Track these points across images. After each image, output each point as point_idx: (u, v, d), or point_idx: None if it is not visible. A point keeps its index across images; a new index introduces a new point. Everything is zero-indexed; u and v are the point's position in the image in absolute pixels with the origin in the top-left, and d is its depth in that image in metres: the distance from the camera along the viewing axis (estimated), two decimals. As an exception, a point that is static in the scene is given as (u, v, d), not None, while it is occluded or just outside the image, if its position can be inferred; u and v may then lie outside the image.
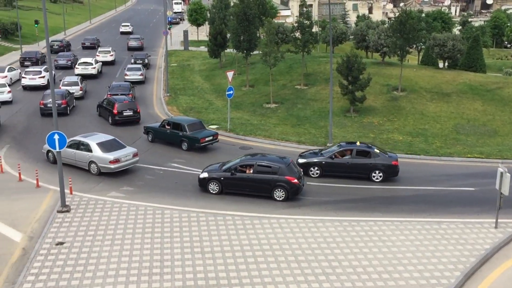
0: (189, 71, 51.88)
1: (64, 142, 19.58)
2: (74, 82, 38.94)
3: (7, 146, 27.90)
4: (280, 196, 21.56)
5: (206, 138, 28.09)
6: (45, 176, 23.19)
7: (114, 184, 23.14)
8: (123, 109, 32.34)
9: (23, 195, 21.36)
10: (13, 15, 76.16)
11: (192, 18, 73.71)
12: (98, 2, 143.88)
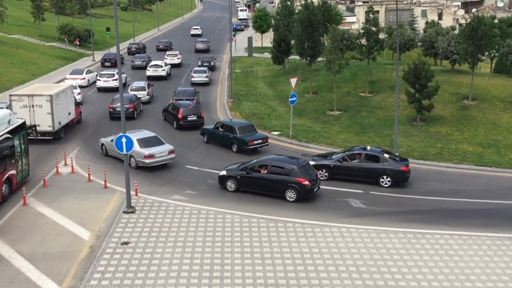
0: (253, 77, 52.28)
1: (131, 145, 20.16)
2: (141, 87, 40.39)
3: (78, 148, 29.09)
4: (292, 196, 21.92)
5: (255, 141, 28.63)
6: (113, 178, 23.96)
7: (177, 187, 23.58)
8: (187, 114, 33.03)
9: (92, 195, 22.15)
10: (86, 22, 79.81)
11: (257, 25, 74.33)
12: (166, 10, 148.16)
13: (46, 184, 23.14)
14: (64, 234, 18.51)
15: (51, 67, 55.17)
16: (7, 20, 64.28)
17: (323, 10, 49.12)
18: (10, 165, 21.62)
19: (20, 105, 28.57)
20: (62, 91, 30.68)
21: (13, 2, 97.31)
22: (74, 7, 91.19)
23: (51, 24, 77.07)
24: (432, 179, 25.68)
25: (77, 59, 62.78)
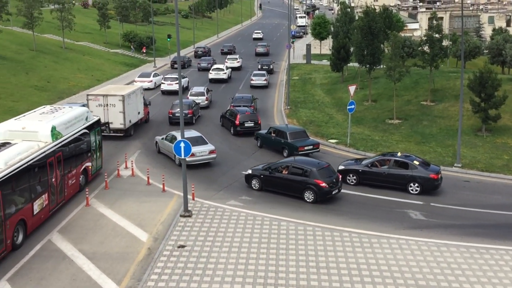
0: (311, 85, 52.03)
1: (189, 150, 20.46)
2: (200, 92, 41.46)
3: (138, 152, 29.88)
4: (310, 198, 22.52)
5: (305, 147, 28.78)
6: (171, 182, 24.41)
7: (233, 193, 23.71)
8: (244, 120, 33.32)
9: (150, 198, 22.65)
10: (148, 30, 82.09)
11: (316, 32, 74.02)
12: (226, 17, 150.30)
13: (107, 186, 23.88)
14: (123, 235, 19.00)
15: (115, 73, 57.09)
16: (75, 28, 67.09)
17: (384, 17, 48.35)
18: (87, 157, 23.92)
19: (95, 104, 31.19)
20: (133, 92, 33.08)
21: (81, 10, 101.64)
22: (137, 15, 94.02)
23: (115, 32, 79.86)
24: (497, 193, 24.57)
25: (139, 65, 64.67)
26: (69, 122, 22.31)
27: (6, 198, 16.92)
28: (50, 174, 20.16)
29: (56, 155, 20.62)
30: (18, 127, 20.70)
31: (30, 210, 18.59)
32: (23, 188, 18.19)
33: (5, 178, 16.85)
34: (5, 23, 59.36)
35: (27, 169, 18.31)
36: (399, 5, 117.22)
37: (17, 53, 53.85)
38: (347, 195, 23.67)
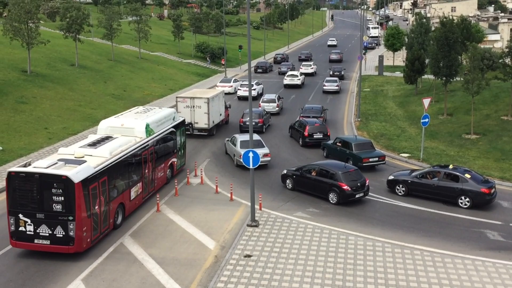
0: (382, 97, 50.92)
1: (257, 160, 20.49)
2: (271, 99, 42.98)
3: (207, 160, 30.34)
4: (333, 199, 23.52)
5: (370, 159, 28.49)
6: (238, 191, 24.56)
7: (301, 204, 23.50)
8: (313, 132, 33.14)
9: (218, 207, 22.87)
10: (220, 40, 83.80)
11: (389, 43, 72.58)
12: (297, 28, 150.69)
13: (177, 193, 24.38)
14: (191, 242, 19.27)
15: (187, 83, 58.54)
16: (151, 39, 69.56)
17: (462, 28, 46.59)
18: (173, 154, 26.51)
19: (183, 106, 34.67)
20: (216, 95, 36.14)
21: (157, 22, 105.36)
22: (210, 26, 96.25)
23: (188, 43, 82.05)
24: None
25: (210, 75, 65.97)
26: (160, 121, 24.96)
27: (110, 183, 19.57)
28: (144, 166, 22.81)
29: (149, 149, 23.29)
30: (118, 124, 23.58)
31: (128, 196, 21.30)
32: (123, 176, 20.83)
33: (110, 166, 19.51)
34: (87, 34, 62.45)
35: (126, 160, 21.00)
36: (479, 15, 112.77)
37: (97, 63, 56.49)
38: (414, 210, 22.85)
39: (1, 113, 34.81)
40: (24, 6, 43.24)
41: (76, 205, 17.43)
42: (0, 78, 41.08)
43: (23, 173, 17.75)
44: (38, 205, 17.60)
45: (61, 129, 34.96)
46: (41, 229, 17.70)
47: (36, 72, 45.49)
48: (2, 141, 30.65)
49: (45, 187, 17.48)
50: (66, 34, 52.16)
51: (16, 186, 17.72)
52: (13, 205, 17.77)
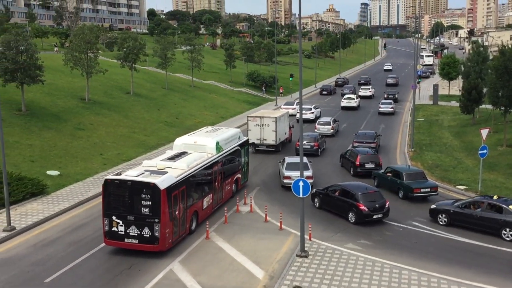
0: (437, 127, 49.56)
1: (307, 189, 20.17)
2: (327, 122, 45.58)
3: (257, 188, 30.22)
4: (352, 218, 24.34)
5: (422, 189, 27.84)
6: (288, 220, 24.22)
7: (351, 235, 22.89)
8: (365, 161, 32.60)
9: (267, 236, 22.59)
10: (271, 69, 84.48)
11: (444, 72, 71.05)
12: (348, 57, 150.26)
13: (226, 221, 24.32)
14: (240, 271, 19.04)
15: (238, 111, 59.11)
16: (203, 68, 71.02)
17: (522, 56, 44.85)
18: (238, 170, 28.83)
19: (254, 124, 38.50)
20: (282, 115, 39.93)
21: (210, 51, 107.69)
22: (261, 55, 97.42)
23: (240, 71, 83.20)
24: None
25: (261, 103, 66.39)
26: (227, 140, 27.70)
27: (188, 192, 21.95)
28: (214, 179, 25.22)
29: (219, 164, 25.75)
30: (191, 141, 26.59)
31: (201, 205, 23.65)
32: (198, 187, 23.31)
33: (188, 177, 22.02)
34: (142, 64, 64.48)
35: (200, 172, 23.54)
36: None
37: (151, 91, 58.02)
38: (471, 245, 21.76)
39: (60, 139, 36.09)
40: (84, 37, 45.22)
41: (161, 209, 19.87)
42: (60, 106, 42.77)
43: (117, 180, 20.45)
44: (129, 208, 20.16)
45: (115, 155, 35.83)
46: (131, 229, 20.17)
47: (94, 100, 47.14)
48: (60, 166, 31.67)
49: (135, 193, 20.09)
50: (123, 63, 54.01)
51: (111, 192, 20.38)
52: (108, 208, 20.36)
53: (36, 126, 36.71)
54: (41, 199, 27.04)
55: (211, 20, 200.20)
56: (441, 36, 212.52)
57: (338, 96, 70.61)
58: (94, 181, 30.28)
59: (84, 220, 24.62)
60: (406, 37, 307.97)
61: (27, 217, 24.37)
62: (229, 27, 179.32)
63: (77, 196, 27.53)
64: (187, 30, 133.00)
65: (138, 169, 21.60)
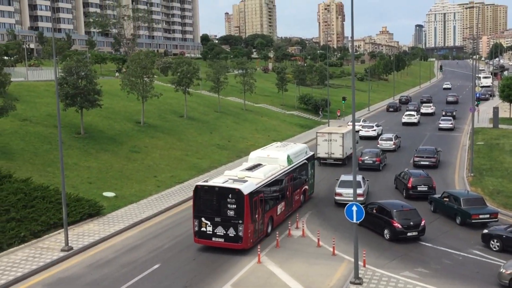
0: (498, 151, 47.53)
1: (361, 214, 19.64)
2: (389, 138, 48.79)
3: (309, 213, 29.78)
4: (386, 234, 24.86)
5: (480, 215, 26.92)
6: (341, 246, 23.66)
7: (408, 263, 22.06)
8: (417, 184, 32.05)
9: (320, 261, 22.11)
10: (324, 92, 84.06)
11: (504, 94, 68.51)
12: (403, 79, 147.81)
13: (278, 245, 24.00)
14: (291, 297, 18.64)
15: (289, 134, 58.96)
16: (255, 91, 71.59)
17: None
18: (305, 182, 31.29)
19: (322, 139, 41.92)
20: (348, 131, 42.75)
21: (262, 75, 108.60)
22: (314, 78, 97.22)
23: (291, 94, 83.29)
24: None
25: (313, 126, 66.01)
26: (296, 154, 30.34)
27: (265, 198, 24.49)
28: (286, 188, 27.71)
29: (289, 175, 28.24)
30: (265, 154, 29.42)
31: (276, 211, 26.22)
32: (273, 194, 25.85)
33: (265, 185, 24.69)
34: (196, 87, 65.66)
35: (275, 182, 26.09)
36: None
37: (204, 114, 58.90)
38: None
39: (116, 161, 37.03)
40: (140, 62, 46.63)
41: (245, 211, 22.42)
42: (117, 129, 44.02)
43: (206, 186, 23.32)
44: (216, 211, 22.85)
45: (169, 178, 36.35)
46: (218, 229, 22.78)
47: (149, 123, 48.27)
48: (116, 188, 32.40)
49: (222, 197, 22.76)
50: (177, 88, 55.21)
51: (200, 196, 23.15)
52: (198, 211, 23.18)
53: (94, 149, 37.86)
54: (98, 220, 27.66)
55: (263, 44, 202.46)
56: (501, 57, 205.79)
57: (403, 113, 73.19)
58: (148, 202, 30.76)
59: (138, 241, 24.95)
60: (463, 59, 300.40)
61: (84, 237, 24.95)
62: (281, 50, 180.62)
63: (132, 218, 27.99)
64: (239, 54, 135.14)
65: (222, 178, 24.50)
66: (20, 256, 22.48)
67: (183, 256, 22.96)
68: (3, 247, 22.81)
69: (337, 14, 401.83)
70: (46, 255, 22.55)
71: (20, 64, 71.66)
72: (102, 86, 41.84)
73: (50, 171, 31.73)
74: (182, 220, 28.16)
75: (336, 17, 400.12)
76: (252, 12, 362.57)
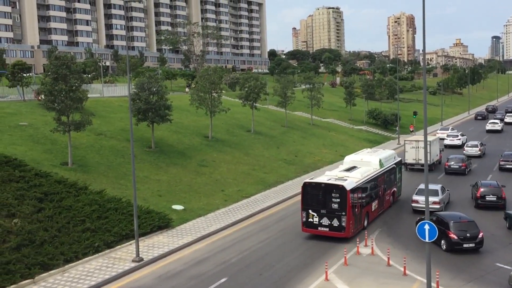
0: None
1: (434, 233, 18.80)
2: (474, 145, 52.43)
3: (379, 230, 28.96)
4: (443, 245, 25.12)
5: None
6: (413, 265, 22.78)
7: (485, 286, 20.84)
8: (486, 194, 32.02)
9: (390, 281, 21.36)
10: (393, 107, 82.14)
11: None
12: (478, 93, 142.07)
13: (346, 262, 23.45)
14: (360, 317, 18.09)
15: (357, 149, 57.51)
16: (323, 106, 71.06)
17: None
18: (394, 184, 34.28)
19: (410, 146, 45.09)
20: (434, 139, 46.36)
21: (329, 89, 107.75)
22: (383, 92, 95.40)
23: (360, 109, 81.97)
24: None
25: (382, 142, 64.54)
26: (386, 158, 33.32)
27: (362, 195, 28.02)
28: (379, 188, 30.95)
29: (381, 177, 31.44)
30: (358, 158, 32.88)
31: (371, 207, 29.60)
32: (368, 192, 29.18)
33: (362, 183, 28.18)
34: (263, 102, 66.15)
35: (370, 181, 29.47)
36: None
37: (271, 129, 59.08)
38: None
39: (185, 175, 37.78)
40: (209, 78, 47.55)
41: (347, 205, 26.08)
42: (186, 143, 45.00)
43: (313, 183, 27.39)
44: (322, 204, 26.73)
45: (236, 192, 36.62)
46: (323, 220, 26.64)
47: (216, 137, 49.01)
48: (184, 201, 33.01)
49: (327, 192, 26.62)
50: (244, 102, 55.79)
51: (308, 192, 27.18)
52: (306, 204, 27.18)
53: (164, 162, 38.84)
54: (167, 232, 28.24)
55: (330, 59, 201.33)
56: None
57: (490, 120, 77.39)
58: (215, 216, 31.08)
59: (206, 254, 25.19)
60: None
61: (153, 249, 25.52)
62: (349, 65, 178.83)
63: (199, 231, 28.36)
64: (306, 69, 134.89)
65: (324, 176, 28.62)
66: (94, 265, 23.29)
67: (249, 271, 22.94)
68: (79, 256, 23.73)
69: (408, 26, 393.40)
70: (118, 265, 23.23)
71: (96, 81, 75.18)
72: (172, 101, 42.98)
73: (123, 183, 32.83)
74: (249, 235, 28.23)
75: (407, 30, 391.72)
76: (319, 27, 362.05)
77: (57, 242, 24.00)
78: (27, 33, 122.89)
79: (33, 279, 21.42)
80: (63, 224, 25.40)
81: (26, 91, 50.41)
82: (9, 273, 21.00)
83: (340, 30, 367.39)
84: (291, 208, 33.85)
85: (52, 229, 24.73)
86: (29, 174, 28.86)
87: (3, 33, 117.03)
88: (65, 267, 22.76)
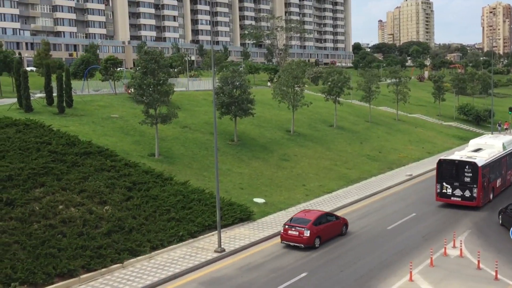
0: None
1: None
2: None
3: (468, 231, 27.53)
4: None
5: None
6: (505, 270, 21.43)
7: None
8: None
9: (480, 285, 20.23)
10: (487, 102, 77.81)
11: None
12: None
13: (432, 263, 22.48)
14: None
15: (446, 146, 55.46)
16: (409, 101, 68.68)
17: None
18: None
19: None
20: None
21: (417, 84, 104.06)
22: (475, 87, 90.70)
23: (450, 104, 78.40)
24: None
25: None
26: (508, 142, 36.73)
27: (489, 172, 32.25)
28: (502, 168, 34.91)
29: (504, 159, 35.23)
30: (482, 142, 36.92)
31: (496, 184, 33.76)
32: (493, 170, 33.12)
33: (489, 162, 32.38)
34: (346, 97, 65.01)
35: (495, 161, 33.43)
36: None
37: (354, 124, 57.95)
38: None
39: (267, 168, 37.98)
40: (291, 72, 47.42)
41: (478, 178, 30.76)
42: (268, 137, 45.21)
43: (448, 160, 32.36)
44: (454, 178, 31.51)
45: (317, 187, 36.28)
46: (455, 191, 31.49)
47: (298, 132, 48.81)
48: (266, 194, 33.19)
49: (460, 167, 31.43)
50: (327, 97, 55.11)
51: (443, 167, 32.08)
52: (440, 177, 32.15)
53: (246, 156, 39.26)
54: (248, 224, 28.52)
55: (418, 52, 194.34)
56: None
57: None
58: (296, 210, 30.94)
59: (286, 248, 25.16)
60: None
61: (235, 240, 25.87)
62: (438, 58, 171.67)
63: (280, 224, 28.37)
64: (392, 62, 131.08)
65: (455, 155, 33.19)
66: (179, 253, 24.00)
67: (330, 267, 22.63)
68: (164, 244, 24.56)
69: (504, 17, 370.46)
70: (201, 255, 23.77)
71: (182, 75, 77.45)
72: (255, 95, 43.29)
73: (206, 175, 33.55)
74: (330, 230, 27.81)
75: (503, 21, 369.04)
76: (407, 19, 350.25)
77: (144, 230, 25.00)
78: (118, 29, 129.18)
79: (122, 263, 22.43)
80: (150, 213, 26.42)
81: (117, 85, 52.94)
82: (101, 257, 22.14)
83: (429, 21, 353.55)
84: (374, 205, 33.06)
85: (140, 217, 25.80)
86: (119, 164, 30.28)
87: (97, 30, 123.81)
88: (152, 254, 23.64)
